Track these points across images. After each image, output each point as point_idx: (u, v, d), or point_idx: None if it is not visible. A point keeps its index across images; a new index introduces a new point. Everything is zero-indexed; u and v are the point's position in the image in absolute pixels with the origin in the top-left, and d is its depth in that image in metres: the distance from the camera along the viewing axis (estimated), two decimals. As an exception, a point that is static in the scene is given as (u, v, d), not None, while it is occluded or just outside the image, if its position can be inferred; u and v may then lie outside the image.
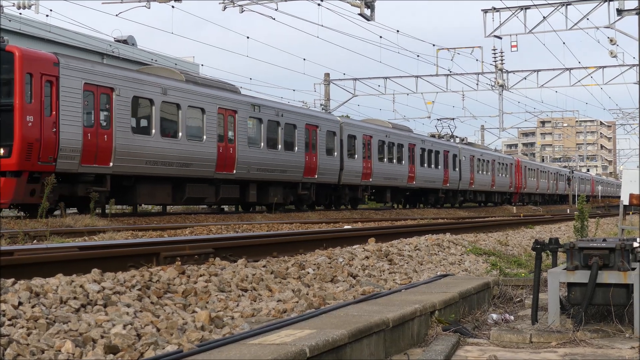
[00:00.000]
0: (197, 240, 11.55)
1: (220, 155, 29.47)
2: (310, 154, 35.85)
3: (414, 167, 47.20)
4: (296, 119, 34.96)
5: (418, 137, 49.51)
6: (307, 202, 36.80)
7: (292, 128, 34.64)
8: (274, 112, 33.16)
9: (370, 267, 10.31)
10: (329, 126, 37.87)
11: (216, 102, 29.42)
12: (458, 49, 50.45)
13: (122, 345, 4.92)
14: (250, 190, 31.88)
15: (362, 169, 40.84)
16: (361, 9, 30.79)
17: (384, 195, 45.17)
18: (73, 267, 7.67)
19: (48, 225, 16.23)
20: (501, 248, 16.21)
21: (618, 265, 7.05)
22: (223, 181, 30.15)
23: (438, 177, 51.21)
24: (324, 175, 36.96)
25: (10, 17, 39.34)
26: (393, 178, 44.61)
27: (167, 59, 53.57)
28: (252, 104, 31.75)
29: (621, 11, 36.23)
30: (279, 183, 33.80)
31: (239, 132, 30.73)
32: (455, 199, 55.67)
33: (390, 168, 44.45)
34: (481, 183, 59.70)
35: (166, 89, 26.92)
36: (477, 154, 59.38)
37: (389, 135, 44.50)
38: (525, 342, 6.72)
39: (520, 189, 70.56)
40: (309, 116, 36.66)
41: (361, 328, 5.47)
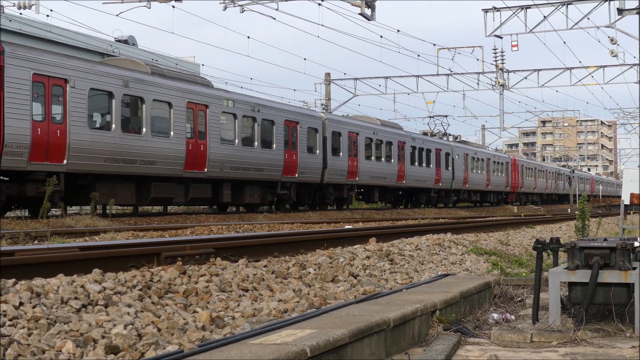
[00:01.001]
0: (198, 240, 11.55)
1: (189, 152, 27.86)
2: (290, 151, 34.19)
3: (404, 166, 45.65)
4: (274, 115, 33.25)
5: (408, 134, 47.99)
6: (288, 202, 35.36)
7: (269, 124, 33.01)
8: (250, 107, 31.55)
9: (371, 266, 10.31)
10: (310, 122, 36.16)
11: (185, 95, 27.76)
12: (459, 49, 50.48)
13: (123, 346, 4.93)
14: (224, 190, 30.36)
15: (348, 168, 39.21)
16: (362, 9, 30.79)
17: (372, 195, 43.75)
18: (74, 268, 7.67)
19: (49, 225, 16.24)
20: (502, 248, 16.21)
21: (619, 265, 7.05)
22: (193, 180, 28.61)
23: (429, 176, 49.75)
24: (306, 174, 35.37)
25: (11, 17, 39.35)
26: (381, 177, 43.07)
27: (168, 59, 53.57)
28: (225, 99, 30.15)
29: (622, 10, 36.23)
30: (255, 182, 32.36)
31: (211, 128, 29.07)
32: (448, 198, 54.29)
33: (379, 166, 42.80)
34: (476, 182, 58.29)
35: (128, 81, 25.21)
36: (471, 153, 57.99)
37: (377, 133, 42.84)
38: (526, 342, 6.72)
39: (517, 188, 69.32)
40: (288, 112, 34.87)
41: (362, 328, 5.47)
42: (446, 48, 50.75)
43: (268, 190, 33.29)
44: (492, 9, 40.11)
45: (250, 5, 34.63)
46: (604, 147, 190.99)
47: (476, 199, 61.60)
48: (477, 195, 60.90)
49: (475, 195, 60.30)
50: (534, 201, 77.60)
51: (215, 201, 31.15)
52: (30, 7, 35.79)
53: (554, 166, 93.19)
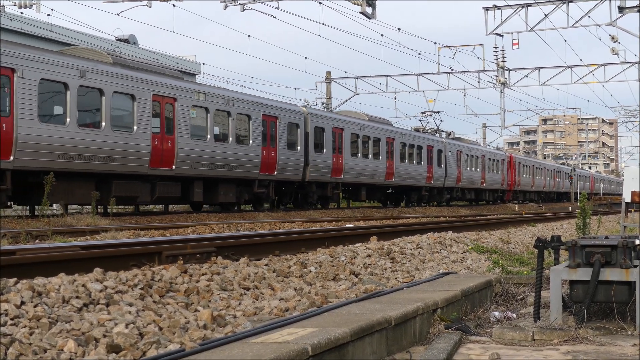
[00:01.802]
0: (199, 239, 11.56)
1: (155, 148, 25.96)
2: (269, 147, 32.43)
3: (393, 163, 43.88)
4: (251, 109, 31.40)
5: (398, 130, 46.21)
6: (266, 201, 33.60)
7: (245, 119, 31.17)
8: (223, 101, 29.75)
9: (373, 265, 10.32)
10: (291, 117, 34.38)
11: (150, 87, 25.90)
12: (459, 47, 50.50)
13: (125, 344, 4.93)
14: (195, 189, 28.59)
15: (332, 165, 37.38)
16: (362, 7, 30.76)
17: (359, 193, 42.13)
18: (75, 267, 7.68)
19: (50, 224, 16.25)
20: (503, 246, 16.22)
21: (620, 263, 7.04)
22: (160, 178, 26.73)
23: (420, 174, 47.97)
24: (285, 171, 33.60)
25: (12, 17, 39.37)
26: (369, 175, 41.26)
27: (169, 58, 53.59)
28: (196, 91, 28.35)
29: (622, 8, 36.22)
30: (230, 180, 30.54)
31: (180, 123, 27.23)
32: (440, 197, 52.43)
33: (366, 164, 40.94)
34: (470, 180, 56.44)
35: (85, 71, 23.36)
36: (465, 149, 56.14)
37: (363, 128, 40.97)
38: (527, 340, 6.72)
39: (514, 186, 67.83)
40: (266, 106, 32.93)
41: (363, 326, 5.47)
42: (447, 46, 50.82)
43: (244, 189, 31.74)
44: (493, 7, 40.11)
45: (250, 4, 34.62)
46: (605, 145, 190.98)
47: (471, 197, 59.89)
48: (471, 194, 59.09)
49: (469, 194, 58.54)
50: (532, 199, 76.16)
51: (185, 200, 29.55)
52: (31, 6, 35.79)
53: (552, 164, 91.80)
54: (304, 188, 36.23)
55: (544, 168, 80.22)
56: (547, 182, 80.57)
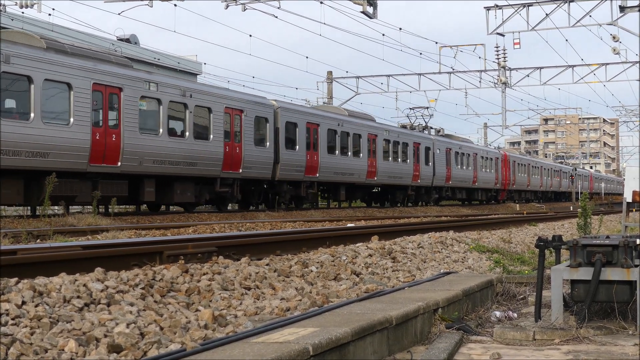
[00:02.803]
0: (200, 238, 11.56)
1: (96, 143, 23.52)
2: (232, 143, 30.04)
3: (375, 161, 41.59)
4: (212, 101, 28.99)
5: (381, 126, 43.76)
6: (231, 201, 31.82)
7: (205, 112, 28.78)
8: (179, 92, 27.27)
9: (374, 265, 10.32)
10: (258, 111, 31.88)
11: (91, 76, 23.44)
12: (461, 47, 50.53)
13: (126, 344, 4.93)
14: (146, 187, 26.18)
15: (306, 162, 35.04)
16: (363, 7, 30.77)
17: (338, 192, 39.87)
18: (76, 266, 7.69)
19: (51, 224, 16.25)
20: (504, 245, 16.22)
21: (621, 262, 7.04)
22: (103, 176, 24.41)
23: (406, 172, 45.63)
24: (252, 169, 31.22)
25: (13, 17, 39.38)
26: (348, 173, 38.91)
27: (170, 57, 53.62)
28: (146, 81, 25.79)
29: (624, 8, 36.21)
30: (188, 178, 28.16)
31: (126, 115, 24.81)
32: (428, 196, 50.34)
33: (345, 162, 38.57)
34: (460, 179, 54.21)
35: (9, 56, 20.96)
36: (455, 147, 53.81)
37: (342, 124, 38.61)
38: (528, 340, 6.72)
39: (508, 185, 65.57)
40: (229, 98, 30.41)
41: (364, 326, 5.47)
42: (448, 46, 50.86)
43: (205, 188, 29.44)
44: (494, 6, 40.11)
45: (252, 3, 34.62)
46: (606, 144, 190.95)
47: (462, 197, 57.67)
48: (462, 193, 56.85)
49: (460, 193, 56.25)
50: (528, 199, 74.12)
51: (134, 200, 27.08)
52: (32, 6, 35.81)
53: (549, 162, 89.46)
54: (274, 187, 34.26)
55: (540, 167, 78.00)
56: (544, 182, 78.63)
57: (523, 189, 71.40)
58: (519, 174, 68.75)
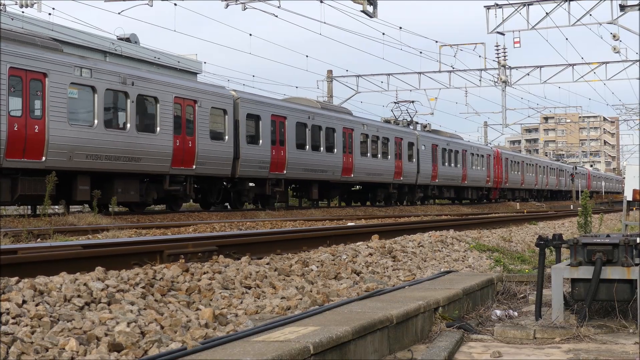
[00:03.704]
0: (200, 237, 11.56)
1: (14, 135, 21.08)
2: (184, 137, 27.46)
3: (352, 157, 39.13)
4: (158, 90, 26.27)
5: (358, 120, 41.30)
6: (184, 200, 29.35)
7: (151, 102, 26.18)
8: (118, 79, 24.60)
9: (374, 263, 10.32)
10: (215, 101, 29.31)
11: (7, 59, 21.17)
12: (461, 46, 50.48)
13: (126, 343, 4.93)
14: (79, 185, 23.49)
15: (271, 158, 32.51)
16: (364, 6, 30.76)
17: (309, 190, 37.27)
18: (77, 266, 7.69)
19: (51, 223, 16.26)
20: (505, 244, 16.22)
21: (622, 261, 7.04)
22: (23, 172, 21.73)
23: (387, 170, 43.02)
24: (207, 165, 28.61)
25: (13, 16, 39.38)
26: (320, 170, 36.31)
27: (170, 57, 53.63)
28: (77, 66, 23.22)
29: (624, 7, 36.21)
30: (131, 175, 25.56)
31: (52, 104, 22.28)
32: (412, 195, 47.66)
33: (316, 158, 36.03)
34: (448, 176, 51.70)
35: None
36: (442, 143, 51.29)
37: (313, 117, 35.96)
38: (529, 338, 6.72)
39: (501, 183, 63.17)
40: (180, 87, 27.71)
41: (365, 325, 5.47)
42: (448, 45, 50.77)
43: (152, 186, 26.78)
44: (494, 5, 40.11)
45: (252, 2, 34.61)
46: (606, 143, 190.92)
47: (450, 196, 55.07)
48: (450, 192, 54.21)
49: (448, 192, 53.68)
50: (522, 198, 71.34)
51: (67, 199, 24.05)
52: (32, 5, 35.78)
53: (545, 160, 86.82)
54: (236, 185, 31.94)
55: (535, 164, 75.49)
56: (539, 180, 76.27)
57: (517, 187, 69.21)
58: (512, 171, 66.64)
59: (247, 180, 32.00)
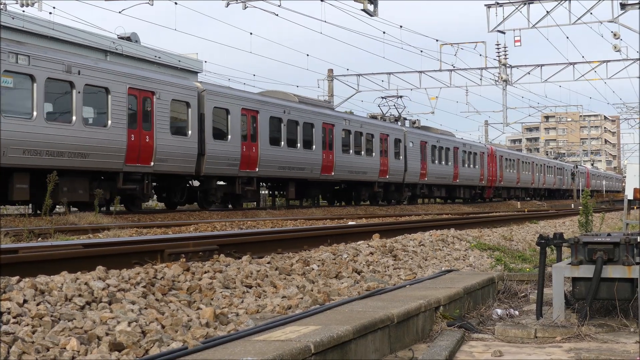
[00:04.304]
0: (201, 237, 11.57)
1: None
2: (140, 131, 25.42)
3: (332, 154, 37.19)
4: (109, 80, 24.20)
5: (339, 115, 39.43)
6: (143, 199, 27.19)
7: (100, 93, 24.15)
8: (62, 68, 22.64)
9: (375, 263, 10.32)
10: (177, 93, 27.05)
11: None
12: (461, 44, 50.47)
13: (127, 342, 4.93)
14: (16, 184, 21.55)
15: (241, 155, 30.37)
16: (364, 5, 30.76)
17: (286, 189, 35.70)
18: (78, 265, 7.69)
19: (52, 222, 16.26)
20: (505, 243, 16.22)
21: (623, 260, 7.04)
22: None
23: (371, 167, 41.02)
24: (168, 162, 26.49)
25: (14, 15, 39.39)
26: (297, 168, 34.36)
27: (171, 56, 53.64)
28: (12, 52, 21.23)
29: (625, 5, 36.21)
30: (79, 173, 23.52)
31: None
32: (400, 194, 45.54)
33: (293, 154, 34.06)
34: (438, 175, 49.76)
35: None
36: (432, 140, 49.35)
37: (289, 111, 33.95)
38: (530, 337, 6.72)
39: (495, 182, 61.11)
40: (135, 77, 25.57)
41: (366, 324, 5.47)
42: (449, 44, 50.75)
43: (104, 184, 24.70)
44: (495, 4, 40.09)
45: (252, 1, 34.61)
46: (607, 142, 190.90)
47: (440, 195, 52.87)
48: (441, 191, 52.14)
49: (439, 191, 51.63)
50: (519, 197, 69.24)
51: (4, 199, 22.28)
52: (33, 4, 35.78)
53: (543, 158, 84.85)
54: (202, 183, 30.18)
55: (532, 162, 73.21)
56: (536, 178, 73.92)
57: (512, 186, 66.99)
58: (507, 169, 64.55)
59: (215, 179, 30.05)
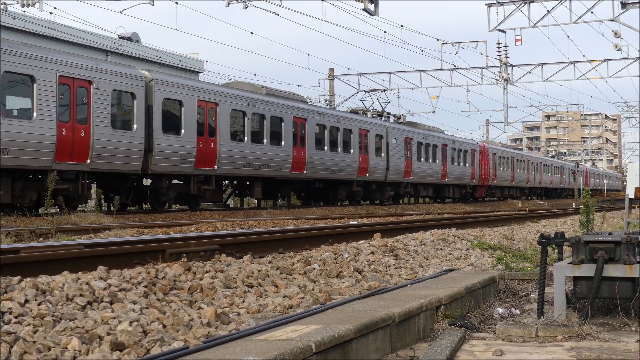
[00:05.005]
0: (202, 236, 11.56)
1: None
2: (74, 125, 23.01)
3: (305, 151, 34.55)
4: (34, 67, 21.78)
5: (313, 109, 36.43)
6: (80, 200, 24.23)
7: (24, 82, 21.77)
8: None
9: (376, 262, 10.32)
10: (119, 83, 24.39)
11: None
12: (462, 43, 50.47)
13: (129, 342, 4.93)
14: None
15: (197, 152, 27.71)
16: (365, 4, 30.76)
17: (252, 188, 32.93)
18: (79, 265, 7.69)
19: (54, 223, 16.27)
20: (507, 242, 16.21)
21: (624, 259, 7.04)
22: None
23: (349, 165, 38.37)
24: (108, 159, 24.01)
25: (14, 15, 39.40)
26: (263, 165, 31.63)
27: (172, 56, 53.63)
28: None
29: (625, 4, 36.21)
30: None
31: None
32: (381, 193, 42.94)
33: (258, 151, 31.35)
34: (424, 173, 47.16)
35: None
36: (418, 137, 46.69)
37: (254, 104, 31.19)
38: (531, 336, 6.72)
39: (488, 181, 58.68)
40: (68, 64, 22.97)
41: (367, 323, 5.47)
42: (450, 43, 50.75)
43: (28, 184, 22.57)
44: (496, 3, 40.09)
45: (253, 1, 34.60)
46: (608, 141, 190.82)
47: (428, 195, 50.01)
48: (428, 190, 49.27)
49: (425, 190, 48.83)
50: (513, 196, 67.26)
51: None
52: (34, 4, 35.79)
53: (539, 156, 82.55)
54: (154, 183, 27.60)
55: (527, 160, 70.78)
56: (532, 177, 71.69)
57: (506, 185, 64.58)
58: (501, 168, 62.16)
59: (166, 177, 27.36)
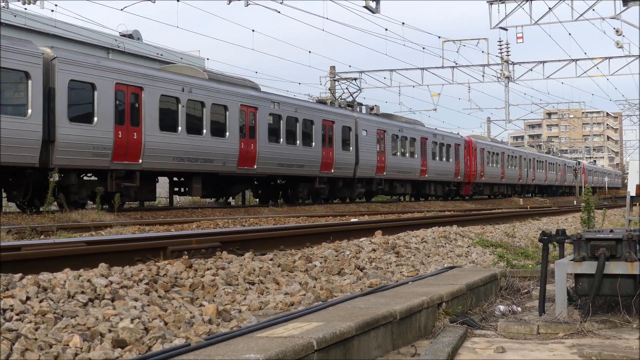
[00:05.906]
0: (203, 234, 11.56)
1: None
2: None
3: (255, 143, 30.83)
4: None
5: (265, 97, 32.29)
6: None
7: None
8: None
9: (377, 259, 10.32)
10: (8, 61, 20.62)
11: None
12: (463, 41, 50.45)
13: (130, 339, 4.93)
14: None
15: (114, 143, 23.90)
16: (366, 2, 30.76)
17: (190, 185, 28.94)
18: (80, 262, 7.70)
19: (55, 220, 16.27)
20: (508, 240, 16.21)
21: (625, 256, 7.04)
22: None
23: (310, 160, 34.66)
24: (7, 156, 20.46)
25: (16, 13, 39.39)
26: (203, 159, 27.85)
27: (173, 53, 53.61)
28: None
29: (627, 2, 36.18)
30: None
31: None
32: (350, 190, 39.22)
33: (196, 143, 27.56)
34: (401, 169, 43.21)
35: None
36: (392, 129, 42.56)
37: (190, 89, 27.34)
38: (532, 333, 6.72)
39: (474, 177, 54.98)
40: None
41: (368, 320, 5.47)
42: (451, 40, 50.74)
43: None
44: (497, 0, 40.06)
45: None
46: (609, 138, 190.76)
47: (405, 192, 45.70)
48: (406, 187, 45.04)
49: (402, 187, 44.58)
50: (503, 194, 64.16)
51: None
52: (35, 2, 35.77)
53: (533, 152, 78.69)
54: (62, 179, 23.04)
55: (519, 156, 66.82)
56: (524, 174, 67.87)
57: (496, 182, 60.61)
58: (489, 164, 58.28)
59: (75, 172, 23.35)
